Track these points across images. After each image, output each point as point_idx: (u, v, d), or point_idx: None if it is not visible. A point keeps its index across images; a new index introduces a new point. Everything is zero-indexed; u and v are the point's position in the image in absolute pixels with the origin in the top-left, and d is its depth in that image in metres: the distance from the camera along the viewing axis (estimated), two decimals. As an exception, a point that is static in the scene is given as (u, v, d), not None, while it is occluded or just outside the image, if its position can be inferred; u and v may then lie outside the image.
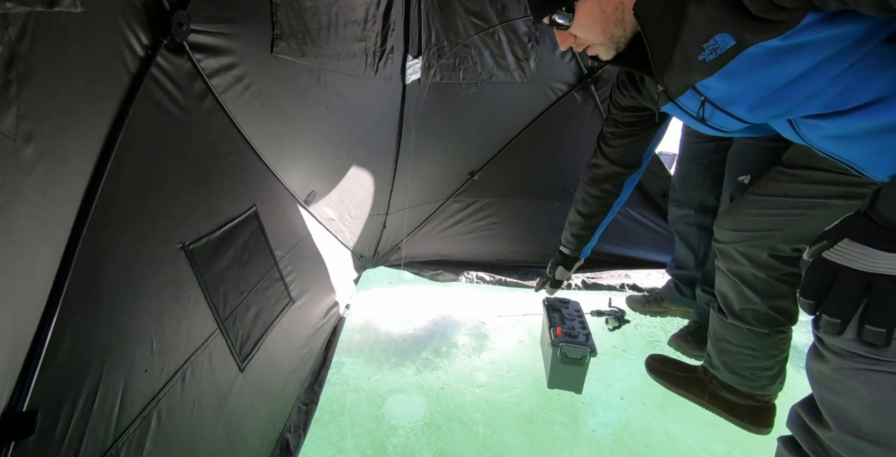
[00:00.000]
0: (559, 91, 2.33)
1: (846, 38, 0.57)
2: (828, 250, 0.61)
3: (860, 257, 0.58)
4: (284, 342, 1.37)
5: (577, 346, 1.39)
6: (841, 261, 0.59)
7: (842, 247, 0.60)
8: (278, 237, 1.45)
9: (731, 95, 0.71)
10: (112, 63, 0.79)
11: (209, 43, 1.07)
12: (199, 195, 1.07)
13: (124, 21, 0.81)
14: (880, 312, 0.57)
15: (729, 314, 1.12)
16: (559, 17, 0.79)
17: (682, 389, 1.37)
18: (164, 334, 0.87)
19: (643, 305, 1.97)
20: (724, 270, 1.11)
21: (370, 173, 2.08)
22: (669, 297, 1.88)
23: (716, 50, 0.64)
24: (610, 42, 0.80)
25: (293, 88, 1.46)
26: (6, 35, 0.51)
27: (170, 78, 0.96)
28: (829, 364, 0.67)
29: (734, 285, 1.09)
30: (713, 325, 1.19)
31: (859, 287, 0.57)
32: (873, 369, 0.63)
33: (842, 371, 0.65)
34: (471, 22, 2.02)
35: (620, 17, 0.76)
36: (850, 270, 0.58)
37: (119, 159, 0.80)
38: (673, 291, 1.85)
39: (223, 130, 1.19)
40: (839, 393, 0.67)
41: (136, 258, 0.83)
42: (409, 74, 2.00)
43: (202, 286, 1.01)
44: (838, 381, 0.66)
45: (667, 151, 3.78)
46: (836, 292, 0.59)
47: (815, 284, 0.61)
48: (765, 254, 1.03)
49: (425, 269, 2.37)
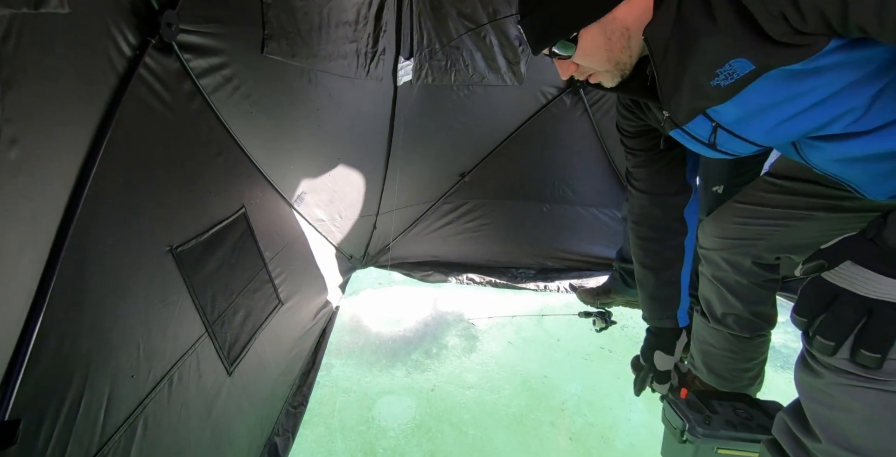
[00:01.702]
0: (549, 94, 2.36)
1: (872, 61, 0.56)
2: (827, 272, 0.60)
3: (863, 282, 0.57)
4: (273, 345, 1.36)
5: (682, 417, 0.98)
6: (842, 284, 0.58)
7: (844, 270, 0.58)
8: (268, 239, 1.44)
9: (748, 120, 0.69)
10: (99, 63, 0.78)
11: (198, 43, 1.05)
12: (187, 197, 1.06)
13: (112, 21, 0.80)
14: (878, 338, 0.56)
15: (711, 319, 1.13)
16: (560, 48, 0.73)
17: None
18: (150, 339, 0.85)
19: (594, 298, 2.02)
20: (709, 276, 1.12)
21: (361, 174, 2.07)
22: (616, 288, 1.95)
23: (731, 75, 0.62)
24: (615, 69, 0.76)
25: (284, 89, 1.44)
26: (-10, 37, 0.50)
27: (158, 78, 0.94)
28: (822, 379, 0.67)
29: (717, 291, 1.10)
30: (696, 328, 1.20)
31: (859, 312, 0.57)
32: (866, 387, 0.63)
33: (834, 387, 0.65)
34: (463, 24, 2.03)
35: (626, 44, 0.72)
36: (851, 294, 0.57)
37: (106, 161, 0.78)
38: (619, 283, 1.93)
39: (212, 131, 1.18)
40: (830, 407, 0.66)
41: (122, 262, 0.82)
42: (401, 76, 2.00)
43: (190, 289, 1.00)
44: (830, 395, 0.66)
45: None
46: (833, 315, 0.58)
47: (812, 304, 0.61)
48: (748, 261, 1.04)
49: (415, 270, 2.37)
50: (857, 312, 0.57)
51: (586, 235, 2.50)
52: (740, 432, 0.91)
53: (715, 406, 0.96)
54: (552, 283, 2.32)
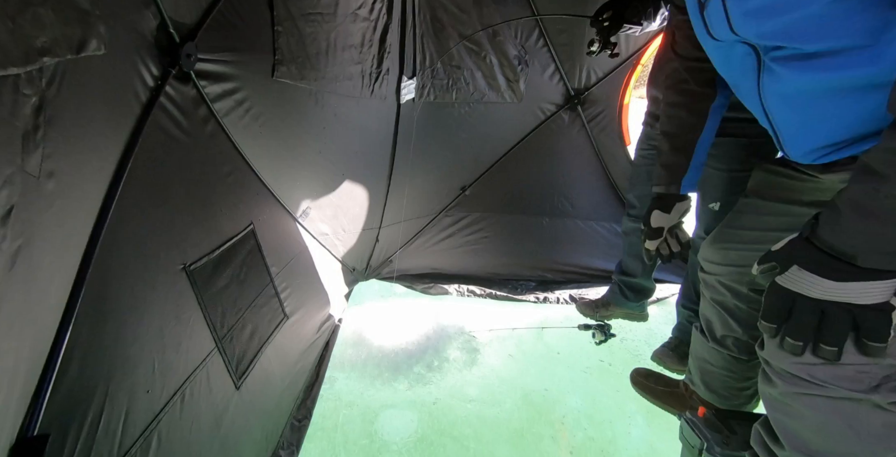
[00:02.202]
0: (548, 111, 2.43)
1: None
2: (780, 276, 0.63)
3: (811, 286, 0.60)
4: (279, 358, 1.39)
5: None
6: (795, 288, 0.61)
7: (793, 275, 0.62)
8: (274, 254, 1.48)
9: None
10: (126, 95, 0.83)
11: (214, 70, 1.11)
12: (200, 216, 1.11)
13: (138, 56, 0.85)
14: (833, 334, 0.60)
15: (711, 339, 1.13)
16: None
17: (663, 402, 1.41)
18: (165, 355, 0.89)
19: (594, 310, 2.05)
20: (708, 299, 1.12)
21: (365, 189, 2.12)
22: (615, 301, 1.99)
23: None
24: None
25: (292, 110, 1.50)
26: (39, 84, 0.55)
27: (176, 105, 1.00)
28: (777, 388, 0.72)
29: (718, 314, 1.10)
30: (695, 344, 1.21)
31: (815, 314, 0.60)
32: (814, 394, 0.68)
33: (788, 395, 0.71)
34: (464, 46, 2.10)
35: None
36: (805, 298, 0.61)
37: (127, 185, 0.83)
38: (618, 296, 1.96)
39: (224, 152, 1.23)
40: (788, 415, 0.72)
41: (140, 281, 0.86)
42: (404, 94, 2.06)
43: (201, 306, 1.04)
44: (786, 404, 0.72)
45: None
46: (795, 319, 0.62)
47: (774, 310, 0.64)
48: (745, 288, 1.03)
49: (417, 282, 2.40)
50: (813, 314, 0.60)
51: (585, 248, 2.54)
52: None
53: (733, 426, 0.97)
54: (552, 294, 2.35)
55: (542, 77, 2.33)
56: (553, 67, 2.31)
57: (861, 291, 0.57)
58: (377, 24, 1.79)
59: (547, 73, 2.33)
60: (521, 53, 2.23)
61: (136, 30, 0.83)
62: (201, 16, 1.03)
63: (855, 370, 0.65)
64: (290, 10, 1.34)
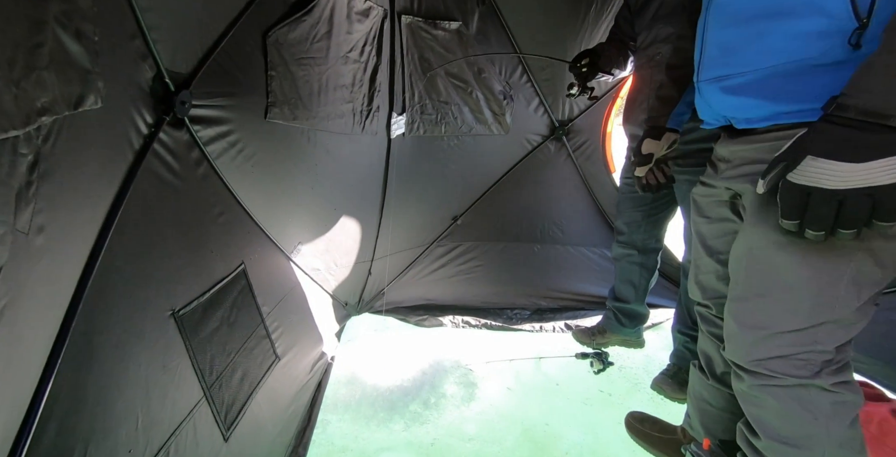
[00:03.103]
0: (534, 141, 2.51)
1: None
2: (791, 173, 0.62)
3: (828, 176, 0.58)
4: (270, 403, 1.34)
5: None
6: (809, 182, 0.60)
7: (806, 168, 0.60)
8: (265, 292, 1.45)
9: None
10: (119, 144, 0.84)
11: (208, 114, 1.14)
12: (190, 259, 1.09)
13: (133, 105, 0.87)
14: (852, 220, 0.59)
15: (711, 376, 1.07)
16: None
17: (660, 451, 1.32)
18: (150, 408, 0.85)
19: (590, 338, 2.03)
20: (706, 333, 1.08)
21: (357, 222, 2.13)
22: (611, 328, 1.98)
23: None
24: None
25: (284, 149, 1.53)
26: (35, 142, 0.55)
27: (169, 150, 1.01)
28: (745, 382, 0.82)
29: (717, 348, 1.04)
30: (693, 383, 1.14)
31: (832, 204, 0.59)
32: (773, 384, 0.78)
33: (754, 387, 0.80)
34: (451, 83, 2.19)
35: None
36: (820, 191, 0.59)
37: (117, 232, 0.82)
38: (613, 322, 1.95)
39: (216, 193, 1.23)
40: (757, 406, 0.82)
41: (127, 330, 0.83)
42: (394, 130, 2.12)
43: (190, 352, 1.00)
44: (754, 396, 0.81)
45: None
46: (812, 212, 0.61)
47: (792, 209, 0.63)
48: None
49: (411, 314, 2.37)
50: (829, 205, 0.59)
51: (577, 275, 2.55)
52: None
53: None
54: (547, 323, 2.33)
55: (528, 110, 2.43)
56: (537, 101, 2.41)
57: (886, 169, 0.55)
58: (367, 65, 1.86)
59: (532, 107, 2.43)
60: (506, 89, 2.33)
61: (132, 82, 0.86)
62: (197, 64, 1.07)
63: (798, 360, 0.75)
64: (283, 55, 1.39)
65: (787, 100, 0.72)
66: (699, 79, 0.87)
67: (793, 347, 0.76)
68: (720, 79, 0.80)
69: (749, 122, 0.80)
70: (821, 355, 0.75)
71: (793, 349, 0.76)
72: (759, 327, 0.79)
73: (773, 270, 0.76)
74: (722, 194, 0.92)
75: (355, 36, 1.76)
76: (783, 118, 0.74)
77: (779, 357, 0.77)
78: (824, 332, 0.74)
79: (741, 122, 0.82)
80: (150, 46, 0.86)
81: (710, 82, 0.82)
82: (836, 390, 0.76)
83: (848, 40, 0.64)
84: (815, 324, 0.74)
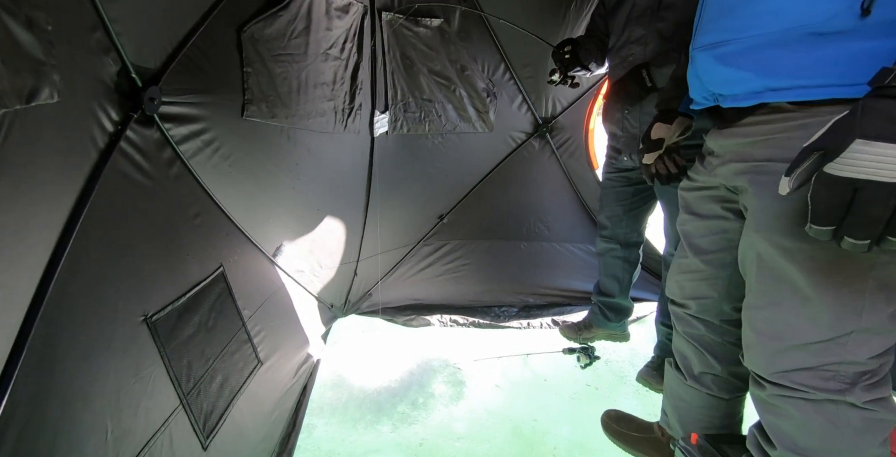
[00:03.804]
0: (518, 139, 2.51)
1: None
2: (831, 164, 0.50)
3: (886, 166, 0.46)
4: (252, 409, 1.30)
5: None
6: (859, 175, 0.48)
7: (854, 156, 0.48)
8: (246, 296, 1.41)
9: None
10: (81, 141, 0.80)
11: (180, 112, 1.09)
12: (164, 261, 1.05)
13: (96, 101, 0.83)
14: None
15: (688, 376, 1.05)
16: None
17: (639, 451, 1.30)
18: (121, 419, 0.81)
19: (577, 333, 2.05)
20: (681, 333, 1.05)
21: (341, 222, 2.09)
22: (596, 322, 2.00)
23: None
24: None
25: (263, 147, 1.49)
26: (-19, 138, 0.52)
27: (138, 149, 0.97)
28: (766, 391, 0.76)
29: (694, 349, 1.02)
30: (669, 382, 1.12)
31: (889, 204, 0.47)
32: (797, 397, 0.72)
33: (774, 397, 0.75)
34: (434, 80, 2.18)
35: None
36: (876, 185, 0.47)
37: (82, 235, 0.78)
38: (599, 317, 1.97)
39: (191, 194, 1.19)
40: (776, 415, 0.76)
41: (94, 338, 0.79)
42: (377, 128, 2.09)
43: (164, 359, 0.96)
44: (774, 405, 0.76)
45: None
46: (860, 212, 0.49)
47: (828, 210, 0.51)
48: (716, 320, 0.98)
49: (398, 315, 2.34)
50: (885, 203, 0.47)
51: (564, 271, 2.57)
52: None
53: (727, 451, 0.96)
54: (535, 320, 2.33)
55: (511, 108, 2.43)
56: (521, 98, 2.41)
57: None
58: (348, 62, 1.83)
59: (515, 104, 2.43)
60: (489, 86, 2.33)
61: (94, 76, 0.82)
62: (166, 59, 1.03)
63: (826, 371, 0.69)
64: (259, 51, 1.36)
65: (779, 74, 0.64)
66: (694, 45, 0.79)
67: (819, 358, 0.68)
68: (714, 45, 0.73)
69: (735, 99, 0.72)
70: (852, 367, 0.67)
71: (820, 360, 0.68)
72: (778, 338, 0.72)
73: (785, 279, 0.69)
74: (713, 190, 0.87)
75: (335, 32, 1.72)
76: (771, 96, 0.67)
77: (804, 369, 0.69)
78: (855, 342, 0.66)
79: (728, 99, 0.75)
80: (112, 39, 0.82)
81: (704, 50, 0.75)
82: (869, 407, 0.68)
83: (859, 4, 0.55)
84: (841, 334, 0.66)
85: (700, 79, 0.79)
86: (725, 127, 0.79)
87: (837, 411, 0.70)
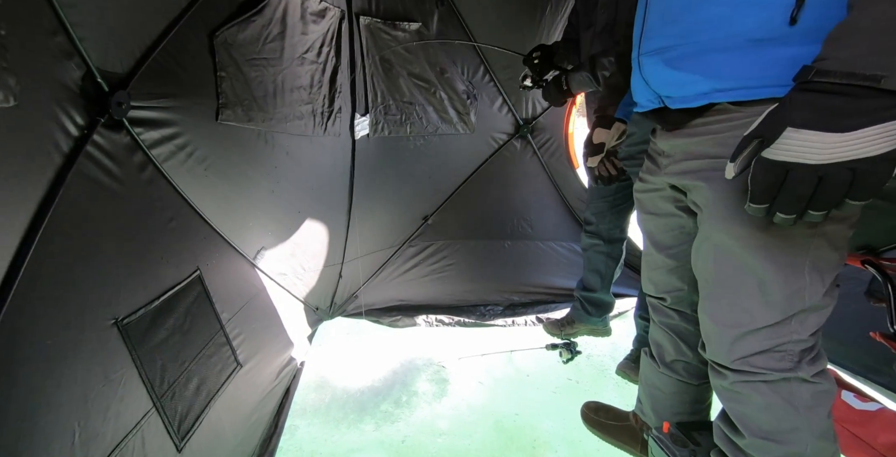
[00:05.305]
0: (500, 140, 2.54)
1: None
2: (768, 149, 0.55)
3: (811, 149, 0.52)
4: (230, 412, 1.30)
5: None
6: (790, 158, 0.54)
7: (786, 142, 0.54)
8: (225, 299, 1.42)
9: None
10: (42, 146, 0.81)
11: (151, 117, 1.10)
12: (136, 266, 1.05)
13: (58, 106, 0.84)
14: (828, 198, 0.54)
15: (661, 364, 1.10)
16: None
17: (615, 439, 1.34)
18: (89, 422, 0.81)
19: (560, 329, 2.08)
20: (657, 323, 1.09)
21: (324, 225, 2.10)
22: (578, 317, 2.02)
23: None
24: None
25: (240, 151, 1.50)
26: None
27: (106, 153, 0.97)
28: (727, 379, 0.80)
29: (669, 338, 1.07)
30: (644, 370, 1.17)
31: (812, 182, 0.54)
32: (756, 380, 0.76)
33: (737, 384, 0.79)
34: (414, 83, 2.20)
35: None
36: (802, 167, 0.53)
37: (45, 241, 0.79)
38: (581, 312, 2.00)
39: (164, 198, 1.20)
40: (740, 402, 0.80)
41: (59, 342, 0.79)
42: (358, 131, 2.10)
43: (136, 362, 0.97)
44: (737, 393, 0.80)
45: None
46: (787, 191, 0.56)
47: (765, 190, 0.57)
48: (689, 310, 1.01)
49: (384, 316, 2.35)
50: (809, 182, 0.54)
51: (547, 268, 2.60)
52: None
53: (696, 437, 1.00)
54: (519, 317, 2.36)
55: (492, 109, 2.46)
56: (500, 100, 2.45)
57: (873, 139, 0.50)
58: (326, 66, 1.84)
59: (496, 106, 2.46)
60: (470, 88, 2.35)
61: (56, 80, 0.82)
62: (134, 64, 1.04)
63: (778, 352, 0.74)
64: (232, 56, 1.37)
65: (724, 76, 0.69)
66: (640, 51, 0.82)
67: (771, 340, 0.75)
68: (662, 50, 0.76)
69: (685, 100, 0.76)
70: (798, 345, 0.75)
71: (772, 342, 0.75)
72: (737, 325, 0.77)
73: (742, 267, 0.74)
74: (664, 190, 0.91)
75: (311, 37, 1.74)
76: (718, 96, 0.71)
77: (760, 352, 0.76)
78: (798, 321, 0.73)
79: (676, 100, 0.78)
80: (74, 44, 0.83)
81: (652, 55, 0.79)
82: (815, 380, 0.76)
83: (789, 13, 0.61)
84: (790, 315, 0.73)
85: (647, 82, 0.82)
86: (675, 128, 0.83)
87: (790, 389, 0.76)
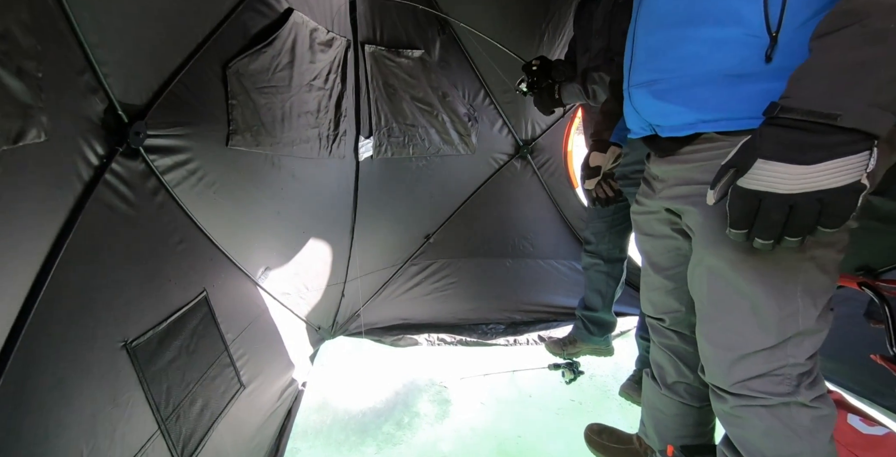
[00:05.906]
0: (501, 160, 2.60)
1: None
2: (742, 178, 0.59)
3: (779, 179, 0.56)
4: (233, 434, 1.30)
5: None
6: (761, 187, 0.58)
7: (757, 172, 0.58)
8: (230, 319, 1.43)
9: None
10: (66, 175, 0.85)
11: (165, 144, 1.15)
12: (146, 288, 1.08)
13: (82, 138, 0.89)
14: (801, 226, 0.58)
15: (663, 386, 1.09)
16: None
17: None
18: (97, 445, 0.82)
19: (562, 349, 2.07)
20: (657, 344, 1.09)
21: (327, 244, 2.13)
22: (581, 337, 2.03)
23: None
24: None
25: (248, 174, 1.54)
26: (-31, 180, 0.56)
27: (122, 180, 1.01)
28: (728, 403, 0.80)
29: (669, 359, 1.07)
30: (647, 392, 1.16)
31: (783, 209, 0.58)
32: (756, 405, 0.76)
33: (737, 408, 0.79)
34: (416, 106, 2.28)
35: None
36: (772, 196, 0.57)
37: (63, 267, 0.82)
38: (583, 331, 2.00)
39: (174, 221, 1.23)
40: (741, 427, 0.80)
41: (72, 365, 0.81)
42: (362, 152, 2.17)
43: (143, 385, 0.98)
44: (738, 417, 0.80)
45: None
46: (762, 218, 0.59)
47: (741, 214, 0.61)
48: (688, 330, 1.01)
49: (386, 335, 2.35)
50: (781, 210, 0.58)
51: (549, 287, 2.61)
52: None
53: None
54: (521, 336, 2.35)
55: (492, 131, 2.53)
56: (501, 122, 2.52)
57: (835, 171, 0.55)
58: (332, 92, 1.92)
59: (496, 127, 2.53)
60: (471, 111, 2.43)
61: (82, 115, 0.87)
62: (152, 96, 1.09)
63: (776, 376, 0.75)
64: (244, 85, 1.43)
65: (707, 108, 0.73)
66: (630, 84, 0.87)
67: (769, 363, 0.76)
68: (650, 83, 0.81)
69: (673, 129, 0.80)
70: (795, 369, 0.75)
71: (769, 366, 0.75)
72: (732, 348, 0.78)
73: (734, 290, 0.76)
74: (660, 213, 0.93)
75: (319, 65, 1.82)
76: (703, 127, 0.75)
77: (758, 376, 0.76)
78: (794, 345, 0.74)
79: (665, 129, 0.82)
80: (100, 80, 0.88)
81: (640, 87, 0.83)
82: (815, 405, 0.76)
83: (764, 52, 0.65)
84: (785, 338, 0.74)
85: (638, 112, 0.87)
86: (666, 155, 0.86)
87: (790, 414, 0.76)
